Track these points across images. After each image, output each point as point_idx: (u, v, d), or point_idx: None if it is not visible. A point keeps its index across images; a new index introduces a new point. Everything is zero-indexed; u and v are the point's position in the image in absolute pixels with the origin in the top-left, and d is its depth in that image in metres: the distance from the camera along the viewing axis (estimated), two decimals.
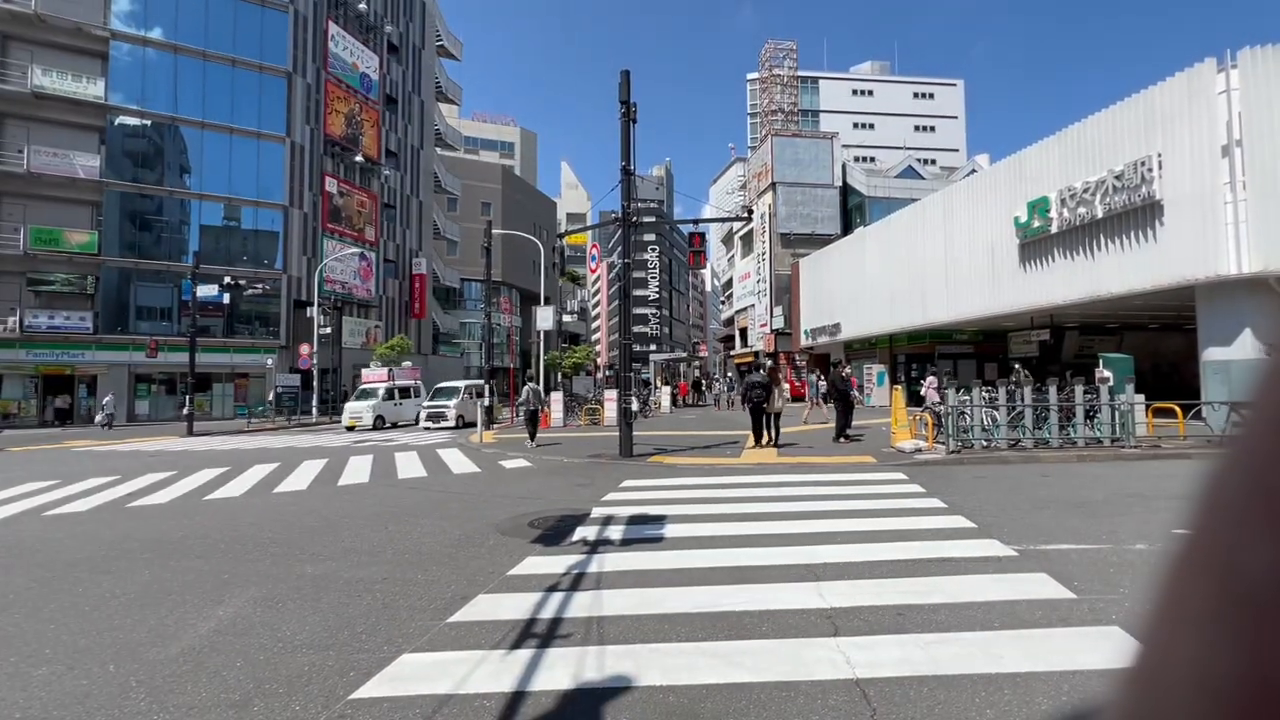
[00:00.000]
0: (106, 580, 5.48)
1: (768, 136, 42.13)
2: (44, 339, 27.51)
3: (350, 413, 23.16)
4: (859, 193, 39.61)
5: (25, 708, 3.29)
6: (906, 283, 23.69)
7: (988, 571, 4.98)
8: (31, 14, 27.61)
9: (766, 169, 40.25)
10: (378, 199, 39.33)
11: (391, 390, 24.78)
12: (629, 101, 12.20)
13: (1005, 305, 18.63)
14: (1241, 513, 0.22)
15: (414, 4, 44.78)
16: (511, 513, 7.75)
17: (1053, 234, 16.48)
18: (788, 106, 54.51)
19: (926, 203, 23.36)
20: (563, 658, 3.67)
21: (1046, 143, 17.08)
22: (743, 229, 45.56)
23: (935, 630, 3.89)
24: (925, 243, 22.59)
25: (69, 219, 28.38)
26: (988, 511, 6.99)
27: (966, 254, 20.26)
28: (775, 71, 55.44)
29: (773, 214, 39.18)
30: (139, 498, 9.67)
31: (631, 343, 13.19)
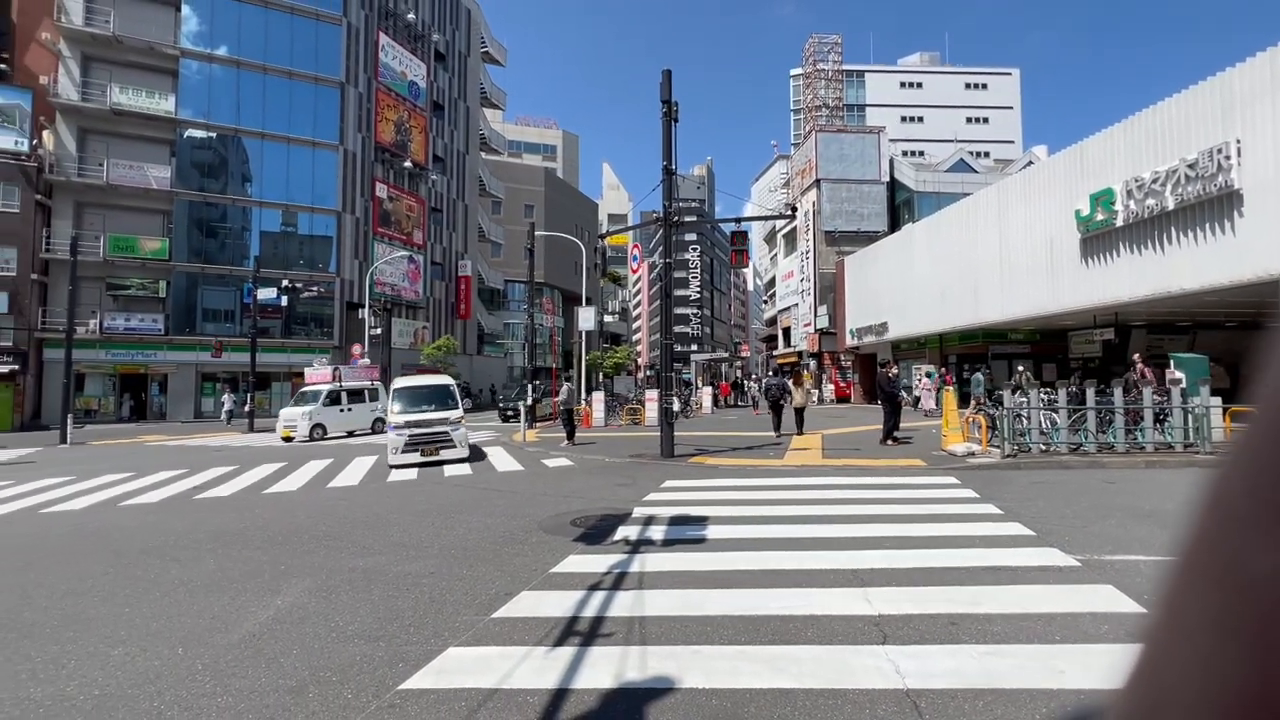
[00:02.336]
0: (175, 568, 5.79)
1: (811, 132, 41.37)
2: (121, 340, 29.36)
3: (284, 421, 19.33)
4: (907, 188, 38.48)
5: (104, 685, 3.50)
6: (958, 280, 22.87)
7: (1048, 582, 4.75)
8: (110, 36, 29.51)
9: (810, 165, 39.54)
10: (425, 203, 40.42)
11: (336, 393, 20.40)
12: (670, 101, 12.16)
13: (1065, 303, 17.76)
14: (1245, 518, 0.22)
15: (460, 12, 45.84)
16: (554, 511, 7.82)
17: (1117, 227, 15.62)
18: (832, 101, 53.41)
19: (979, 197, 22.49)
20: (605, 656, 3.67)
21: (1111, 131, 16.21)
22: (786, 227, 44.86)
23: (990, 641, 3.72)
24: (978, 238, 21.75)
25: (143, 227, 30.21)
26: (1047, 518, 6.67)
27: (1023, 250, 19.41)
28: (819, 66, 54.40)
29: (817, 211, 38.45)
30: (205, 490, 10.20)
31: (672, 343, 13.15)
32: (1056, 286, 18.10)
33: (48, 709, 3.25)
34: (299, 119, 33.23)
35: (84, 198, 29.46)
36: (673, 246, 13.18)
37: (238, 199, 32.31)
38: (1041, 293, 18.69)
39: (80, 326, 25.65)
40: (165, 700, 3.30)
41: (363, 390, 21.65)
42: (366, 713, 3.12)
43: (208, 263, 31.29)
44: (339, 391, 20.59)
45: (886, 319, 28.63)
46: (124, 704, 3.27)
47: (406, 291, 38.07)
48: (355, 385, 21.61)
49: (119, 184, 29.40)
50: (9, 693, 3.44)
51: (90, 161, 29.50)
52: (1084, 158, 17.06)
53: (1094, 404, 10.96)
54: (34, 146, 28.49)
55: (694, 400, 27.48)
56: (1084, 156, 17.08)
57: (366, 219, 35.52)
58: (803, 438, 15.03)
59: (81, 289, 24.45)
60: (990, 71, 67.27)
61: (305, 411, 19.19)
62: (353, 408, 20.85)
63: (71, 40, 29.44)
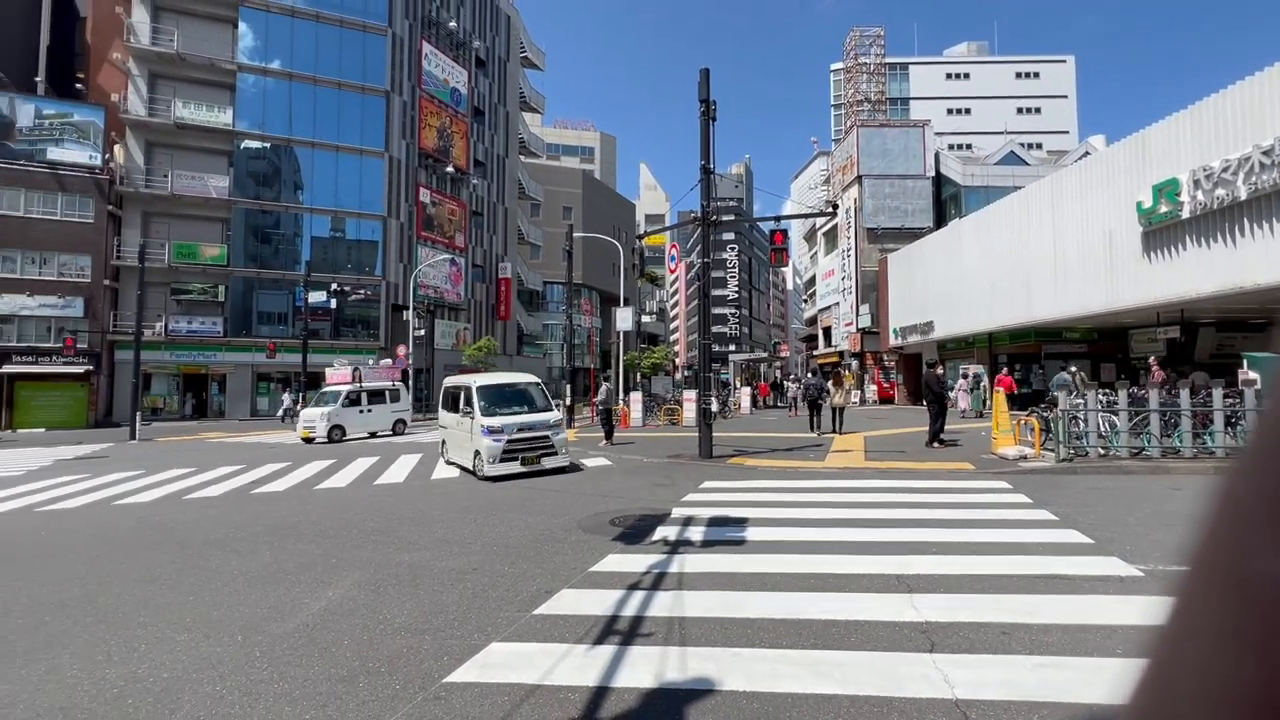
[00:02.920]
0: (235, 559, 6.07)
1: (853, 128, 40.53)
2: (183, 342, 30.96)
3: (304, 421, 19.05)
4: (954, 182, 37.29)
5: (171, 668, 3.70)
6: (1008, 277, 22.03)
7: (1108, 592, 4.53)
8: (174, 54, 31.15)
9: (851, 161, 38.75)
10: (467, 207, 41.27)
11: (356, 394, 19.99)
12: (708, 100, 12.10)
13: (1125, 300, 16.89)
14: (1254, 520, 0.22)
15: (500, 19, 46.64)
16: (593, 510, 7.88)
17: (1183, 219, 14.77)
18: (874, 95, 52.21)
19: (1031, 190, 21.62)
20: (644, 656, 3.68)
21: (1176, 118, 15.35)
22: (826, 225, 44.08)
23: (1046, 653, 3.57)
24: (1030, 233, 20.90)
25: (203, 234, 31.77)
26: (1106, 526, 6.36)
27: (1079, 244, 18.57)
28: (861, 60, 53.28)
29: (858, 208, 37.65)
30: (261, 485, 10.66)
31: (710, 343, 13.08)
32: (1116, 282, 17.25)
33: (121, 689, 3.45)
34: (347, 128, 34.38)
35: (150, 207, 31.16)
36: (711, 246, 13.12)
37: (290, 206, 33.63)
38: (1099, 289, 17.84)
39: (147, 329, 27.14)
40: (226, 685, 3.46)
41: (383, 391, 21.12)
42: (414, 704, 3.20)
43: (262, 268, 32.67)
44: (359, 392, 20.11)
45: (932, 318, 27.81)
46: (189, 687, 3.45)
47: (449, 293, 38.94)
48: (376, 386, 21.17)
49: (182, 194, 30.99)
50: (87, 673, 3.67)
51: (156, 173, 31.18)
52: (1146, 147, 16.21)
53: (1158, 405, 10.40)
54: (106, 160, 30.31)
55: (732, 401, 27.26)
56: (1146, 146, 16.22)
57: (411, 223, 36.49)
58: (844, 439, 14.75)
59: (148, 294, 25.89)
60: (1042, 60, 64.59)
61: (324, 412, 18.85)
62: (373, 408, 20.34)
63: (139, 59, 31.19)
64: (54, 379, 28.50)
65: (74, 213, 29.55)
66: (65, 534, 7.44)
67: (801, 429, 17.28)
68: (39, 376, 28.35)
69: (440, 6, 39.78)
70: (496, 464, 10.46)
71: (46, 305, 28.83)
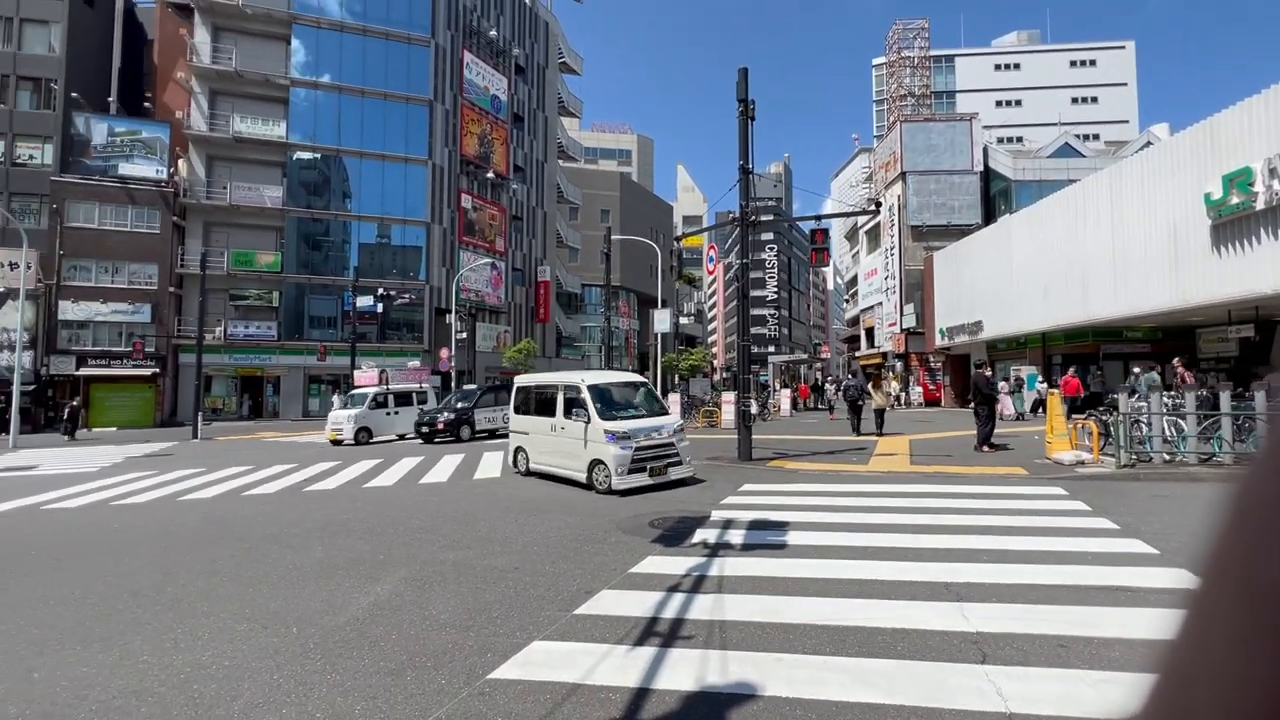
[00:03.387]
0: (290, 554, 6.32)
1: (896, 123, 39.57)
2: (241, 345, 32.45)
3: (331, 423, 19.08)
4: (1003, 177, 35.98)
5: (232, 657, 3.88)
6: (1063, 274, 21.11)
7: (1176, 606, 4.28)
8: (233, 71, 32.73)
9: (895, 158, 37.83)
10: (507, 212, 42.00)
11: (382, 396, 20.07)
12: (747, 99, 12.01)
13: (1193, 297, 15.97)
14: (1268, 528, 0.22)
15: (538, 26, 47.35)
16: (632, 511, 7.90)
17: (1257, 210, 13.87)
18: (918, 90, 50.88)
19: (1089, 183, 20.67)
20: (685, 659, 3.67)
21: (1249, 103, 14.44)
22: (868, 223, 43.14)
23: (1108, 668, 3.41)
24: (1087, 228, 19.99)
25: (259, 243, 33.25)
26: (1172, 536, 6.02)
27: (1141, 239, 17.66)
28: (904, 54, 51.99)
29: (902, 205, 36.71)
30: (313, 483, 11.07)
31: (749, 344, 12.95)
32: (1182, 279, 16.33)
33: (187, 675, 3.63)
34: (392, 137, 35.45)
35: (211, 218, 32.78)
36: (749, 246, 13.00)
37: (339, 214, 34.87)
38: (1164, 286, 16.92)
39: (208, 333, 28.53)
40: (283, 675, 3.61)
41: (410, 393, 20.99)
42: (459, 699, 3.27)
43: (313, 274, 33.96)
44: (386, 395, 20.21)
45: (981, 317, 26.88)
46: (249, 675, 3.61)
47: (490, 297, 39.68)
48: (403, 388, 21.26)
49: (240, 204, 32.51)
50: (156, 659, 3.88)
51: (216, 185, 32.79)
52: (1215, 135, 15.30)
53: (1230, 409, 9.79)
54: (171, 174, 32.04)
55: (771, 403, 26.92)
56: (1215, 133, 15.32)
57: (453, 229, 37.35)
58: (888, 441, 14.39)
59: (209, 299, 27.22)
60: (1099, 46, 61.73)
61: (351, 415, 18.90)
62: (399, 411, 20.17)
63: (201, 77, 32.87)
64: (124, 380, 30.25)
65: (142, 224, 31.33)
66: (135, 527, 7.88)
67: (843, 432, 16.95)
68: (111, 378, 30.13)
69: (481, 16, 40.64)
70: (626, 475, 9.05)
71: (118, 311, 30.63)
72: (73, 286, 30.10)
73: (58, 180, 30.36)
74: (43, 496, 10.34)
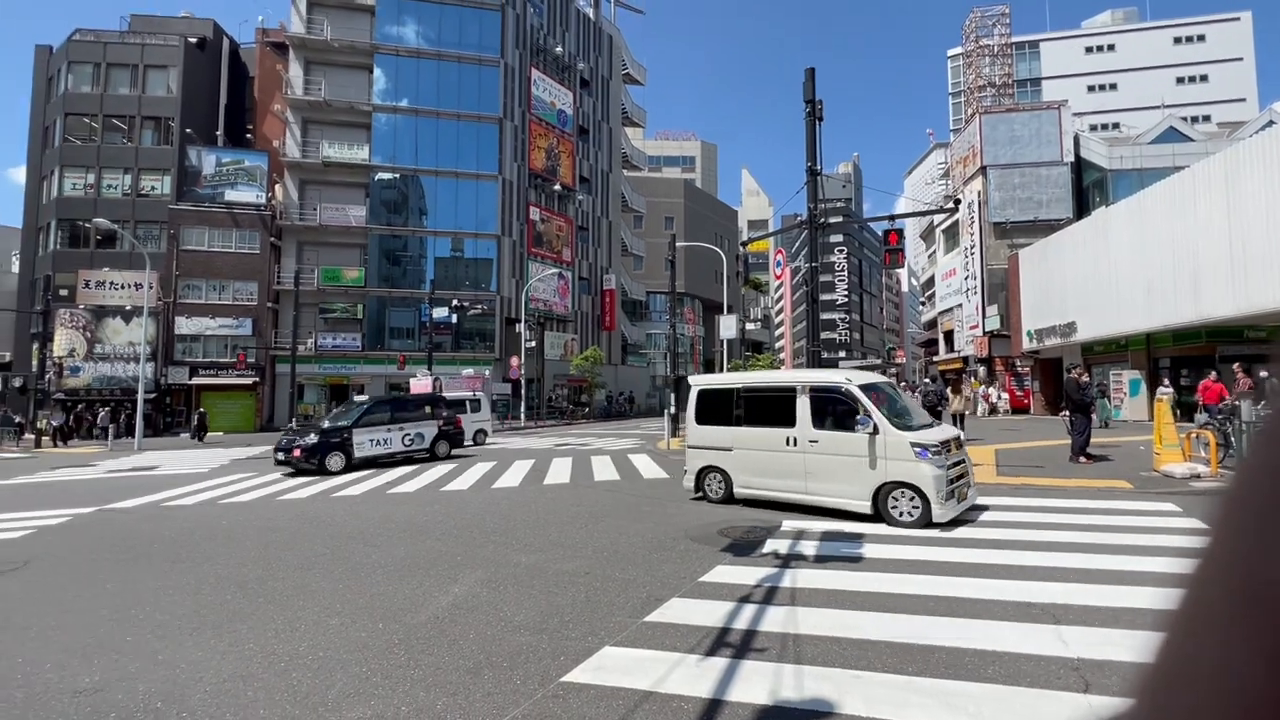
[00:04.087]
0: (375, 552, 6.67)
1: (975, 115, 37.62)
2: (330, 355, 34.69)
3: None
4: (1097, 167, 33.45)
5: (325, 648, 4.13)
6: (1170, 270, 19.35)
7: None
8: (322, 101, 35.24)
9: (974, 152, 35.94)
10: (573, 222, 42.92)
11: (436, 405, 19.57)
12: (814, 100, 11.77)
13: None
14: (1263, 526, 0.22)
15: (602, 40, 48.28)
16: (700, 520, 7.84)
17: None
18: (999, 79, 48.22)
19: (1199, 169, 18.89)
20: (758, 671, 3.60)
21: None
22: (945, 222, 41.16)
23: None
24: (1198, 218, 18.25)
25: (345, 259, 35.52)
26: None
27: (1263, 229, 15.94)
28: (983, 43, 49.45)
29: (983, 201, 34.80)
30: (395, 486, 11.65)
31: (819, 349, 12.61)
32: None
33: (285, 664, 3.90)
34: (465, 154, 37.06)
35: (303, 237, 35.31)
36: (818, 249, 12.70)
37: (416, 230, 36.73)
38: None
39: (300, 345, 30.72)
40: (370, 668, 3.81)
41: (463, 401, 20.99)
42: (534, 700, 3.34)
43: (393, 287, 35.89)
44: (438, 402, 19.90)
45: (1074, 318, 25.03)
46: (340, 667, 3.83)
47: (557, 306, 40.60)
48: (455, 396, 21.24)
49: (328, 224, 34.86)
50: (260, 646, 4.18)
51: (307, 207, 35.31)
52: None
53: None
54: (269, 199, 34.79)
55: None
56: None
57: (522, 241, 38.53)
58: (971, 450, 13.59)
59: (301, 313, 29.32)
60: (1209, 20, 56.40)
61: None
62: None
63: (294, 108, 35.56)
64: (229, 389, 32.97)
65: (245, 245, 34.16)
66: (240, 524, 8.55)
67: None
68: (218, 387, 32.92)
69: (547, 34, 41.87)
70: (946, 502, 6.93)
71: (224, 326, 33.47)
72: (186, 304, 33.16)
73: (174, 208, 33.61)
74: (163, 494, 11.40)
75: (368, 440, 14.48)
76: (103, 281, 32.67)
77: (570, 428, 30.71)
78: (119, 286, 32.49)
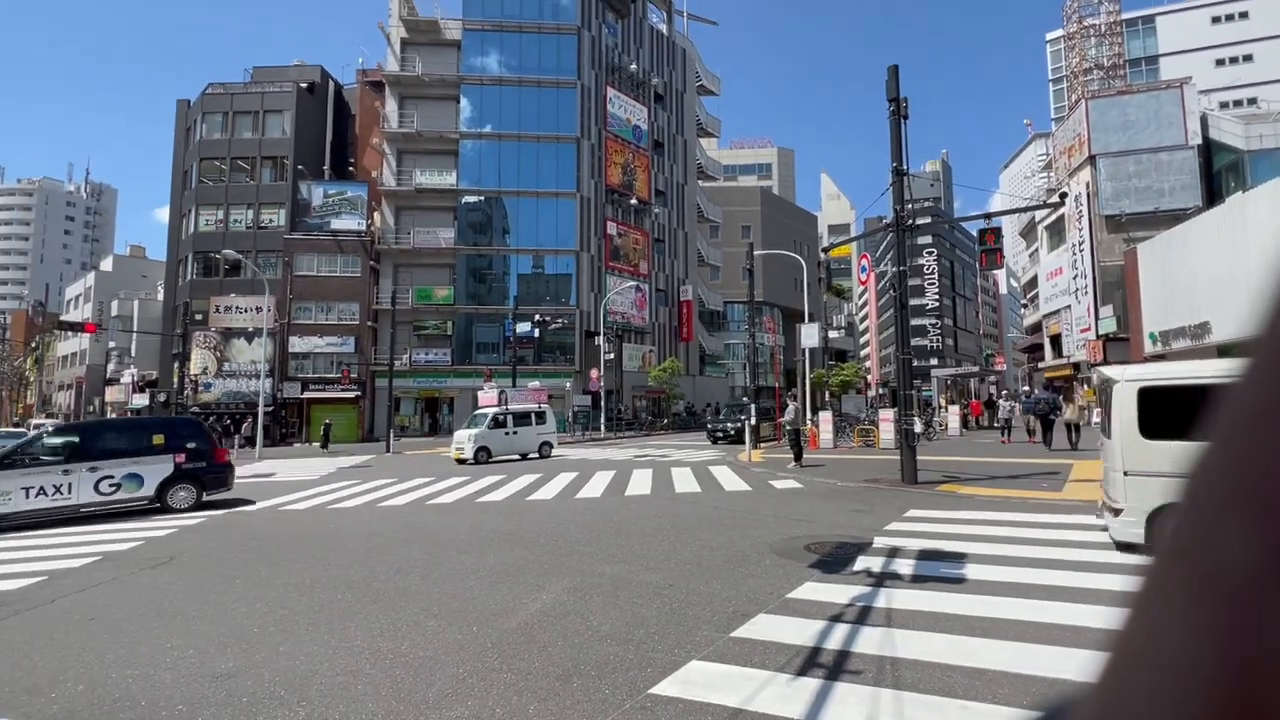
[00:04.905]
0: (467, 559, 6.95)
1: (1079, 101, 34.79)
2: (423, 370, 36.80)
3: (455, 443, 19.76)
4: (1231, 148, 29.96)
5: (425, 649, 4.33)
6: None
7: None
8: (414, 132, 37.77)
9: (1080, 140, 33.18)
10: (649, 235, 43.38)
11: (501, 416, 20.42)
12: (899, 98, 11.32)
13: None
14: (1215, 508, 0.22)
15: (676, 54, 48.76)
16: (785, 534, 7.62)
17: None
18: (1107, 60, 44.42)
19: None
20: (853, 694, 3.43)
21: None
22: (1048, 217, 38.19)
23: None
24: None
25: (435, 279, 37.68)
26: None
27: None
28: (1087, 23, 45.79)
29: (1092, 193, 32.00)
30: (483, 495, 12.12)
31: (909, 357, 12.00)
32: None
33: (390, 661, 4.12)
34: (544, 174, 38.45)
35: (398, 260, 37.80)
36: (906, 252, 12.15)
37: (500, 249, 38.40)
38: None
39: (396, 360, 32.73)
40: (466, 669, 3.96)
41: (529, 413, 21.44)
42: (622, 710, 3.34)
43: (479, 304, 37.63)
44: (505, 415, 20.58)
45: (1207, 318, 22.43)
46: (439, 667, 4.00)
47: (635, 318, 41.06)
48: (521, 408, 21.87)
49: (420, 246, 37.14)
50: (367, 644, 4.45)
51: (402, 231, 37.80)
52: None
53: None
54: (369, 225, 37.55)
55: (937, 420, 24.64)
56: None
57: (599, 255, 39.35)
58: (1087, 465, 12.45)
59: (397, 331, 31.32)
60: None
61: (471, 434, 19.33)
62: (518, 431, 20.48)
63: (390, 140, 38.28)
64: (335, 402, 35.65)
65: (348, 270, 37.01)
66: (346, 529, 9.17)
67: (1026, 454, 15.02)
68: (325, 400, 35.68)
69: (621, 52, 42.80)
70: None
71: (331, 344, 36.32)
72: (298, 324, 36.27)
73: (289, 238, 36.98)
74: (280, 499, 12.45)
75: (18, 490, 10.13)
76: (230, 306, 36.40)
77: (649, 438, 30.86)
78: (243, 310, 36.06)
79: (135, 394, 42.22)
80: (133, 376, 43.93)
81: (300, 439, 35.40)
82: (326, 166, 41.20)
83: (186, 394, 35.53)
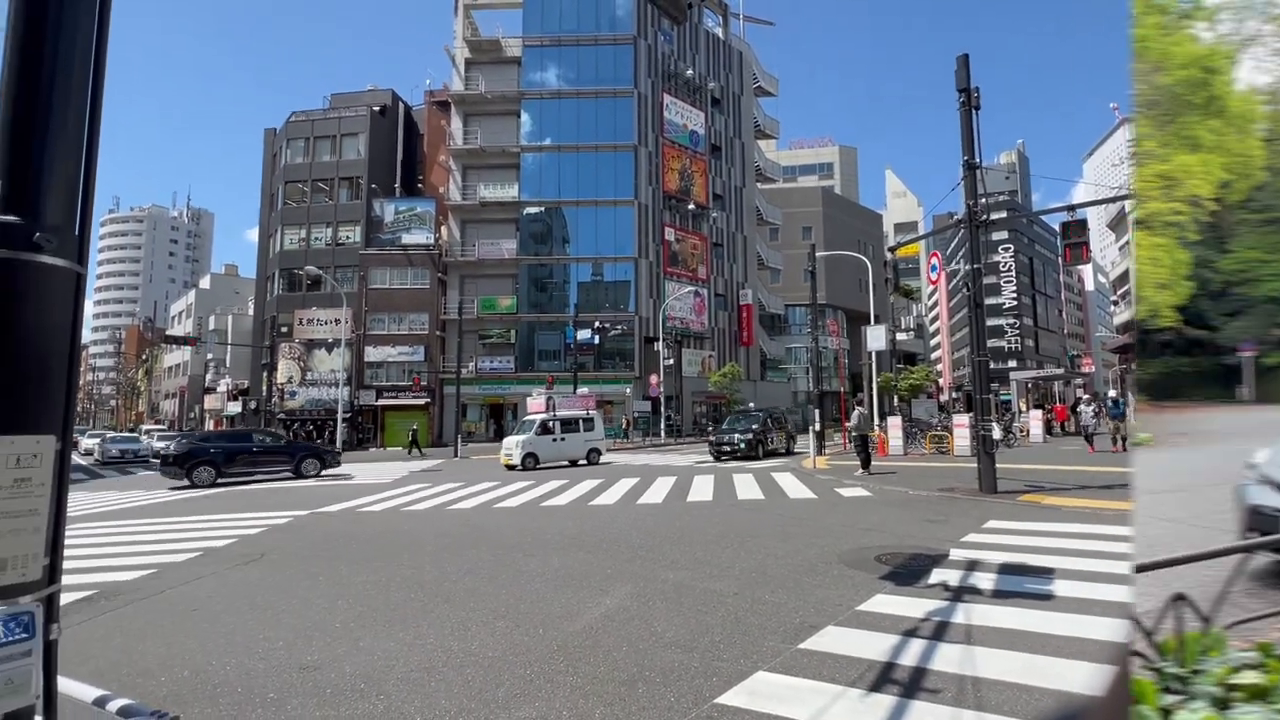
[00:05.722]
0: (532, 561, 7.09)
1: None
2: (488, 377, 37.99)
3: (504, 449, 20.00)
4: None
5: (494, 649, 4.44)
6: None
7: None
8: (478, 148, 39.20)
9: None
10: (707, 240, 43.20)
11: (549, 423, 20.48)
12: (969, 88, 10.81)
13: None
14: None
15: (732, 57, 48.49)
16: (854, 544, 7.36)
17: None
18: None
19: None
20: (931, 714, 3.26)
21: None
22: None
23: None
24: None
25: (499, 289, 38.88)
26: None
27: None
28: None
29: None
30: (547, 499, 12.35)
31: (985, 359, 11.39)
32: None
33: (461, 659, 4.25)
34: (603, 183, 39.01)
35: (464, 271, 39.24)
36: (979, 248, 11.57)
37: (560, 258, 39.20)
38: None
39: (463, 368, 33.95)
40: (534, 670, 4.02)
41: (577, 420, 21.47)
42: (688, 718, 3.31)
43: (541, 312, 38.52)
44: (553, 421, 20.67)
45: None
46: (507, 668, 4.09)
47: (694, 323, 40.92)
48: (568, 415, 21.85)
49: (484, 258, 38.45)
50: (439, 642, 4.61)
51: (467, 243, 39.24)
52: None
53: None
54: (437, 239, 39.18)
55: (1017, 426, 23.26)
56: None
57: (658, 261, 39.50)
58: None
59: (463, 340, 32.54)
60: None
61: (519, 440, 19.57)
62: (565, 437, 20.52)
63: (456, 157, 39.87)
64: (406, 409, 37.30)
65: (418, 282, 38.75)
66: (418, 530, 9.55)
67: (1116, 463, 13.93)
68: (398, 407, 37.39)
69: (677, 59, 42.95)
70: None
71: (402, 353, 38.08)
72: (373, 335, 38.23)
73: (364, 253, 39.10)
74: (357, 501, 13.11)
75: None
76: (312, 319, 38.79)
77: None
78: (323, 323, 38.35)
79: (230, 401, 45.66)
80: (228, 386, 47.53)
81: (375, 444, 37.21)
82: (397, 184, 43.33)
83: (274, 401, 38.06)
